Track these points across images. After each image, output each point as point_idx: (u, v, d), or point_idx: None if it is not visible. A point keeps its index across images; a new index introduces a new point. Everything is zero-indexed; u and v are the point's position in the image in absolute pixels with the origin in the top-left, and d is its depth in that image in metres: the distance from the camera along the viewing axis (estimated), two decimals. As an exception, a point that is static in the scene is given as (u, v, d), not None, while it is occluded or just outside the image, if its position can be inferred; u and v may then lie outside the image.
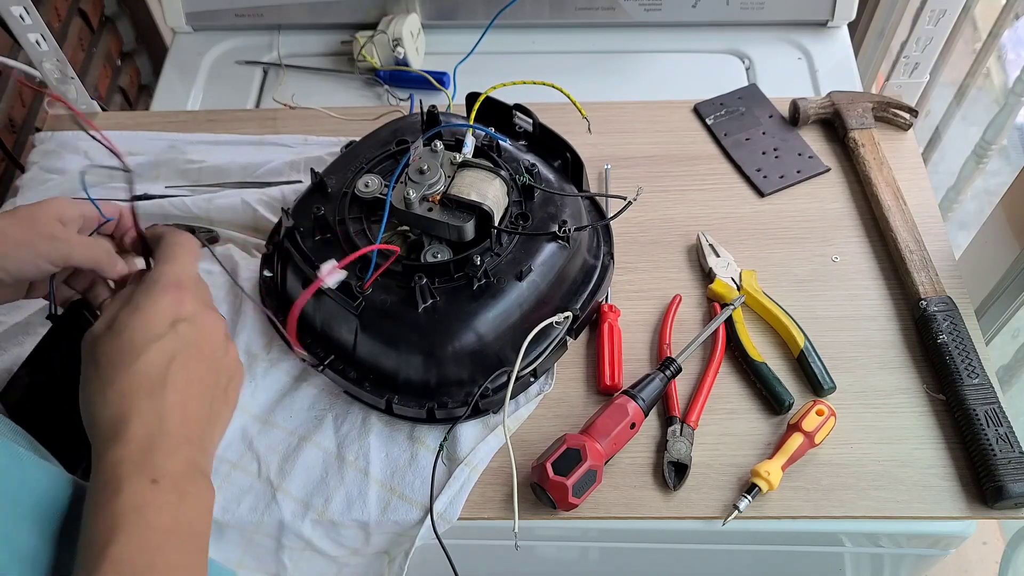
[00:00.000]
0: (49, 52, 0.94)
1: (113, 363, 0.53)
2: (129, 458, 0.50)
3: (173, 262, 0.59)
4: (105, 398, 0.52)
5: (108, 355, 0.53)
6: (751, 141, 0.98)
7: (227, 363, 0.58)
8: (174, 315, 0.55)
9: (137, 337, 0.53)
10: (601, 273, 0.83)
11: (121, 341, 0.53)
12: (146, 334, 0.54)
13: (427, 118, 0.83)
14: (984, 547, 1.36)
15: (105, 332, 0.54)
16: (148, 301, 0.55)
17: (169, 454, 0.51)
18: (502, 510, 0.72)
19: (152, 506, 0.49)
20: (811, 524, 0.74)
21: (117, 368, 0.52)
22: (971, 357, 0.77)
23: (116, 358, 0.53)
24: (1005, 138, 1.19)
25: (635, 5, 1.15)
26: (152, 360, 0.53)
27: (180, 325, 0.55)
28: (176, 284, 0.57)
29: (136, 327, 0.54)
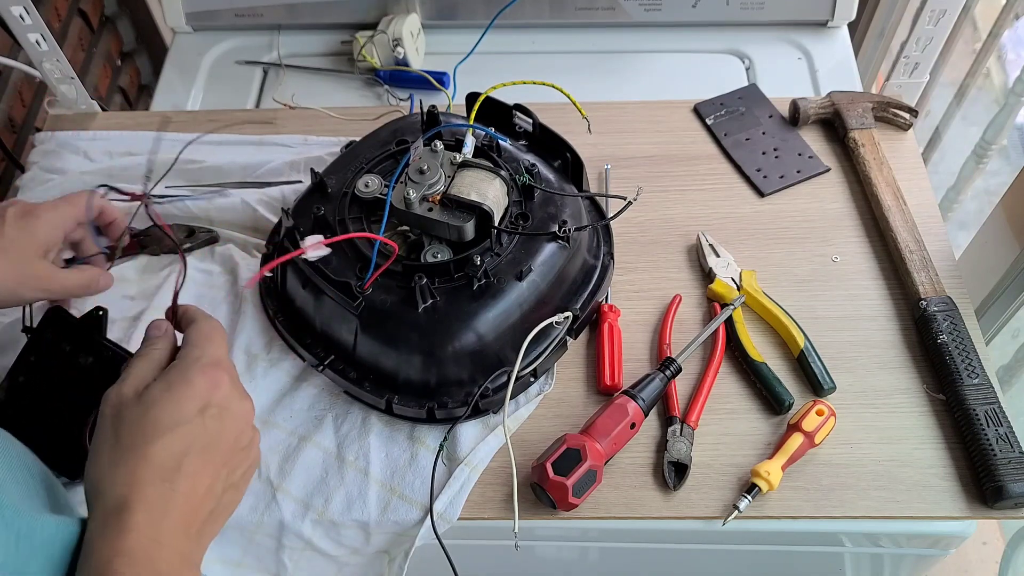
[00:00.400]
0: (49, 52, 0.94)
1: (132, 436, 0.51)
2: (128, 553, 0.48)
3: (209, 343, 0.57)
4: (115, 475, 0.50)
5: (129, 426, 0.52)
6: (751, 141, 0.98)
7: (248, 453, 0.57)
8: (206, 400, 0.54)
9: (163, 417, 0.52)
10: (601, 273, 0.83)
11: (147, 417, 0.52)
12: (173, 416, 0.52)
13: (427, 118, 0.83)
14: (984, 547, 1.36)
15: (133, 401, 0.53)
16: (183, 381, 0.54)
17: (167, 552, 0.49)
18: (502, 510, 0.72)
19: None
20: (811, 524, 0.74)
21: (136, 445, 0.51)
22: (971, 357, 0.77)
23: (137, 432, 0.52)
24: (1005, 138, 1.19)
25: (635, 5, 1.15)
26: (172, 446, 0.52)
27: (209, 411, 0.54)
28: (215, 365, 0.56)
29: (165, 406, 0.53)
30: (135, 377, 0.55)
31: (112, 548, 0.48)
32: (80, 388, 0.68)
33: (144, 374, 0.55)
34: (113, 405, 0.53)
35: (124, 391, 0.53)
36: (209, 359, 0.56)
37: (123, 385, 0.54)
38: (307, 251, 0.71)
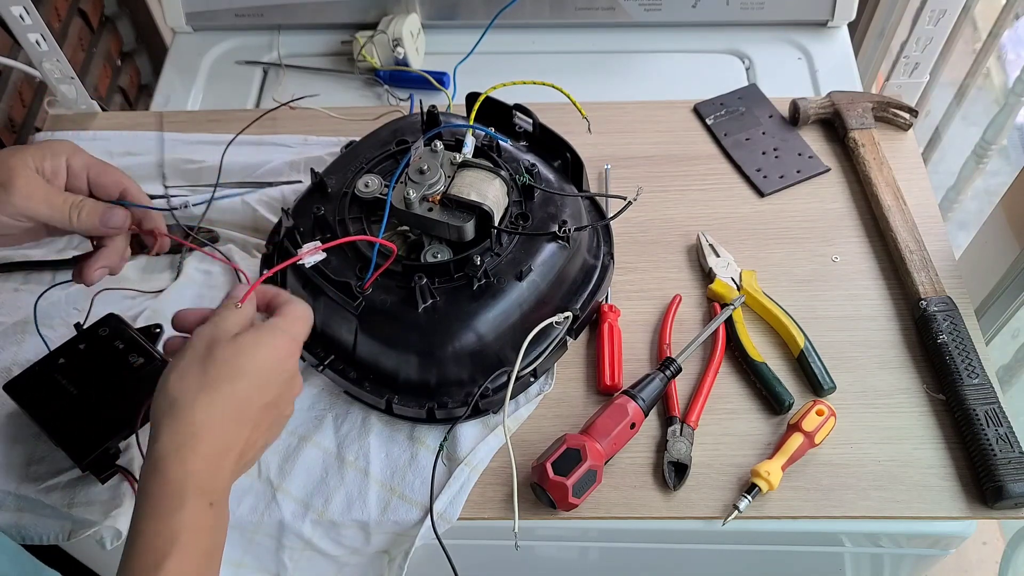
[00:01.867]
0: (49, 52, 0.94)
1: (221, 372, 0.56)
2: (196, 475, 0.53)
3: (298, 321, 0.62)
4: (197, 400, 0.54)
5: (222, 361, 0.56)
6: (751, 141, 0.98)
7: (285, 422, 0.62)
8: (284, 364, 0.59)
9: (251, 365, 0.57)
10: (601, 273, 0.83)
11: (238, 358, 0.57)
12: (259, 366, 0.57)
13: (427, 118, 0.83)
14: (984, 547, 1.36)
15: (228, 341, 0.57)
16: (272, 341, 0.59)
17: (225, 480, 0.56)
18: (502, 510, 0.72)
19: (205, 529, 0.53)
20: (811, 524, 0.74)
21: (224, 379, 0.56)
22: (971, 357, 0.77)
23: (226, 369, 0.56)
24: (1005, 138, 1.19)
25: (635, 5, 1.15)
26: (250, 393, 0.57)
27: (283, 375, 0.59)
28: (296, 342, 0.61)
29: (255, 356, 0.57)
30: (228, 323, 0.59)
31: (184, 469, 0.53)
32: (121, 382, 0.73)
33: (235, 322, 0.59)
34: (208, 338, 0.57)
35: (219, 331, 0.58)
36: (295, 334, 0.61)
37: (216, 327, 0.58)
38: (304, 257, 0.71)
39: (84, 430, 0.70)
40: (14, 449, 0.74)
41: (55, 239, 0.89)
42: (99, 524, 0.70)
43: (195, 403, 0.54)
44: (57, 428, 0.70)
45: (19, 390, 0.72)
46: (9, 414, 0.76)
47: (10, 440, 0.75)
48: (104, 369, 0.73)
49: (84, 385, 0.72)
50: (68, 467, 0.73)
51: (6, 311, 0.84)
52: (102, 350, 0.75)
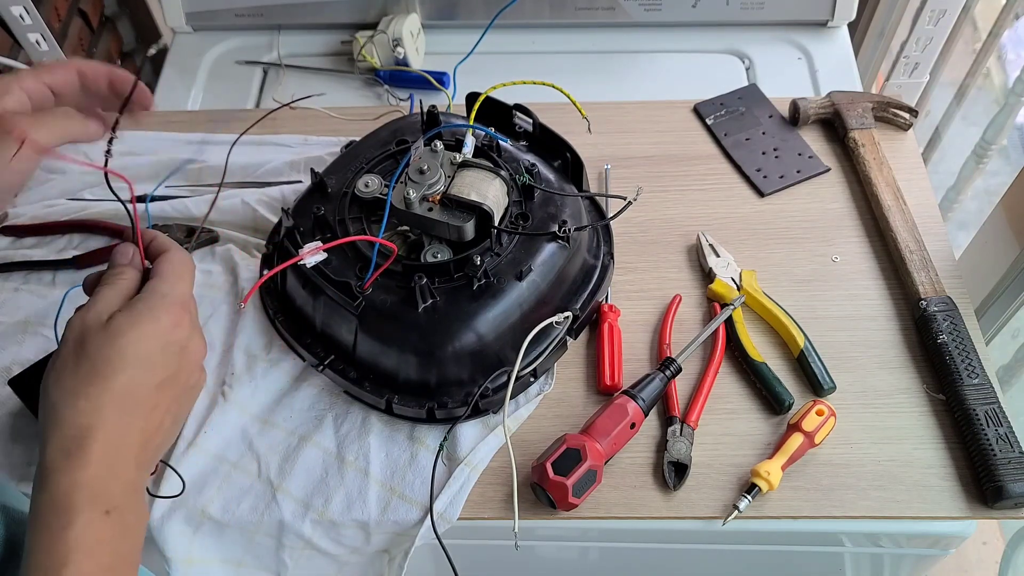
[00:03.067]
0: (49, 52, 0.94)
1: (96, 366, 0.51)
2: (87, 485, 0.49)
3: (179, 280, 0.57)
4: (76, 403, 0.50)
5: (94, 355, 0.52)
6: (751, 141, 0.98)
7: (195, 391, 0.58)
8: (168, 337, 0.54)
9: (130, 350, 0.52)
10: (601, 273, 0.83)
11: (113, 347, 0.52)
12: (138, 350, 0.52)
13: (427, 118, 0.83)
14: (984, 547, 1.36)
15: (98, 329, 0.53)
16: (151, 316, 0.54)
17: (122, 482, 0.51)
18: (502, 510, 0.72)
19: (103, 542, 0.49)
20: (811, 524, 0.74)
21: (100, 374, 0.51)
22: (971, 357, 0.77)
23: (101, 362, 0.51)
24: (1005, 138, 1.19)
25: (635, 5, 1.15)
26: (135, 380, 0.52)
27: (170, 349, 0.54)
28: (181, 304, 0.56)
29: (132, 339, 0.52)
30: (101, 304, 0.54)
31: (71, 480, 0.49)
32: None
33: (111, 302, 0.54)
34: (78, 331, 0.52)
35: (89, 318, 0.53)
36: (176, 296, 0.56)
37: (88, 312, 0.53)
38: (304, 257, 0.71)
39: None
40: (14, 449, 0.74)
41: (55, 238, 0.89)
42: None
43: (76, 405, 0.50)
44: None
45: (23, 386, 0.72)
46: (9, 413, 0.76)
47: (10, 440, 0.75)
48: None
49: None
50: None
51: (6, 311, 0.84)
52: None
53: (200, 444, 0.74)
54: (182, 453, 0.74)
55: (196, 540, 0.72)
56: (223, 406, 0.76)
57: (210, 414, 0.76)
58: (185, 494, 0.72)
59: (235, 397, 0.77)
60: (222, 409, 0.76)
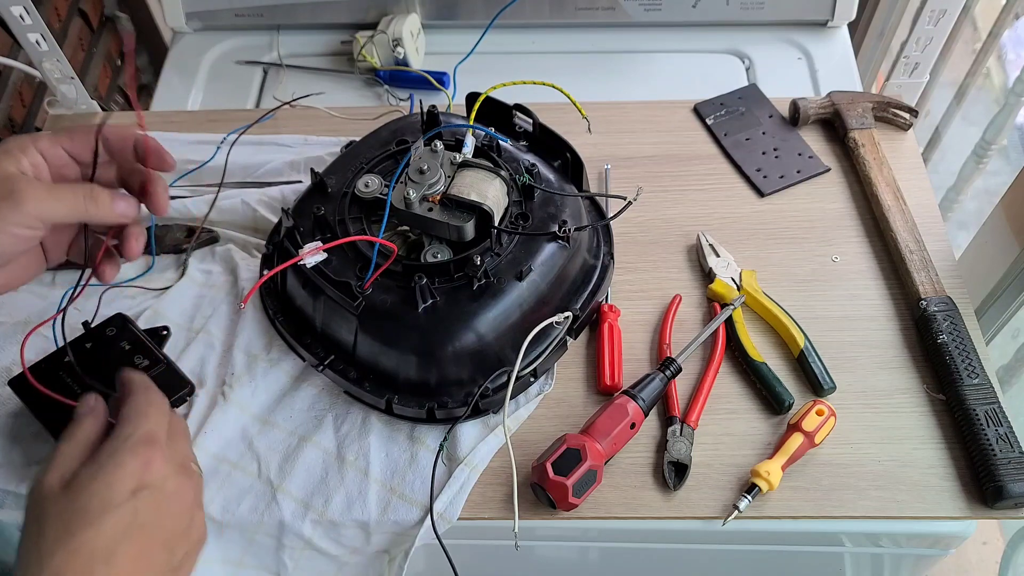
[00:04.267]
0: (49, 52, 0.94)
1: (57, 530, 0.47)
2: None
3: (143, 418, 0.53)
4: (40, 570, 0.46)
5: (55, 519, 0.48)
6: (751, 141, 0.98)
7: (189, 534, 0.53)
8: (138, 481, 0.50)
9: (93, 504, 0.48)
10: (601, 273, 0.83)
11: (74, 506, 0.48)
12: (103, 501, 0.49)
13: (427, 118, 0.83)
14: (984, 547, 1.36)
15: (58, 492, 0.49)
16: (112, 463, 0.50)
17: None
18: (502, 510, 0.72)
19: None
20: (811, 524, 0.74)
21: (60, 538, 0.47)
22: (971, 357, 0.77)
23: (61, 525, 0.48)
24: (1005, 138, 1.19)
25: (635, 5, 1.15)
26: (103, 534, 0.48)
27: (142, 493, 0.50)
28: (147, 442, 0.52)
29: (94, 492, 0.49)
30: (60, 463, 0.51)
31: None
32: None
33: (70, 458, 0.51)
34: (36, 498, 0.49)
35: (48, 481, 0.50)
36: (140, 436, 0.52)
37: (47, 475, 0.50)
38: (305, 257, 0.71)
39: None
40: (14, 449, 0.74)
41: None
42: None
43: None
44: (59, 425, 0.70)
45: (24, 386, 0.72)
46: (9, 413, 0.76)
47: (10, 440, 0.75)
48: (109, 369, 0.73)
49: (89, 384, 0.72)
50: (68, 467, 0.73)
51: (6, 311, 0.84)
52: (108, 350, 0.75)
53: (200, 444, 0.74)
54: (182, 453, 0.74)
55: (196, 540, 0.72)
56: (223, 406, 0.76)
57: (210, 414, 0.76)
58: (185, 494, 0.72)
59: (235, 397, 0.77)
60: (222, 409, 0.76)
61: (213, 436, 0.75)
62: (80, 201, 0.57)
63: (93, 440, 0.53)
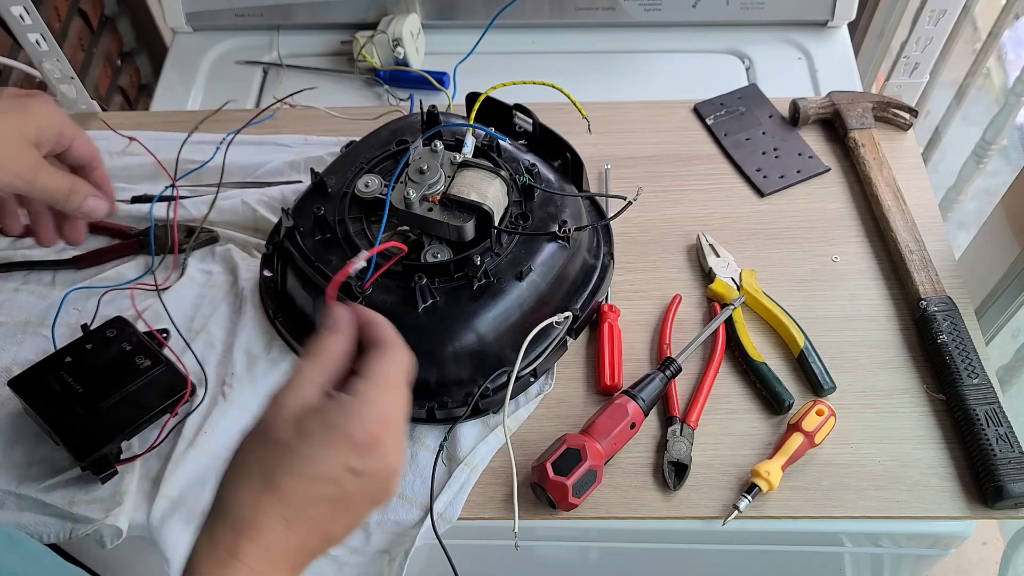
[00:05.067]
0: (49, 52, 0.94)
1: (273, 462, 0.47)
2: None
3: (396, 395, 0.50)
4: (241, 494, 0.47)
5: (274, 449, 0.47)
6: (751, 141, 0.98)
7: (376, 508, 0.51)
8: (360, 463, 0.47)
9: (309, 460, 0.46)
10: (601, 273, 0.83)
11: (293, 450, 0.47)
12: (318, 464, 0.47)
13: (427, 118, 0.83)
14: (984, 547, 1.36)
15: (291, 422, 0.47)
16: (344, 433, 0.47)
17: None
18: (502, 510, 0.72)
19: None
20: (811, 524, 0.74)
21: (272, 473, 0.46)
22: (971, 357, 0.77)
23: (279, 460, 0.47)
24: (1005, 138, 1.19)
25: (635, 5, 1.15)
26: (306, 491, 0.46)
27: (357, 472, 0.47)
28: (386, 426, 0.48)
29: (315, 449, 0.47)
30: (301, 388, 0.49)
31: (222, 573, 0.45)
32: (127, 383, 0.73)
33: (311, 384, 0.49)
34: (269, 418, 0.48)
35: (286, 405, 0.48)
36: (384, 418, 0.49)
37: (283, 399, 0.48)
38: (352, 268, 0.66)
39: (87, 428, 0.70)
40: (14, 449, 0.74)
41: None
42: (99, 522, 0.70)
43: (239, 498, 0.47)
44: (60, 425, 0.70)
45: (24, 386, 0.73)
46: (9, 414, 0.76)
47: (10, 440, 0.75)
48: (110, 370, 0.74)
49: (89, 384, 0.72)
50: (68, 467, 0.73)
51: (6, 311, 0.84)
52: (109, 351, 0.75)
53: (200, 444, 0.74)
54: (182, 453, 0.74)
55: (196, 540, 0.72)
56: (223, 406, 0.76)
57: (210, 414, 0.76)
58: (185, 494, 0.72)
59: (235, 397, 0.77)
60: (222, 409, 0.76)
61: (213, 436, 0.75)
62: (63, 194, 0.64)
63: (336, 365, 0.51)
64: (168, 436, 0.75)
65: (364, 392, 0.49)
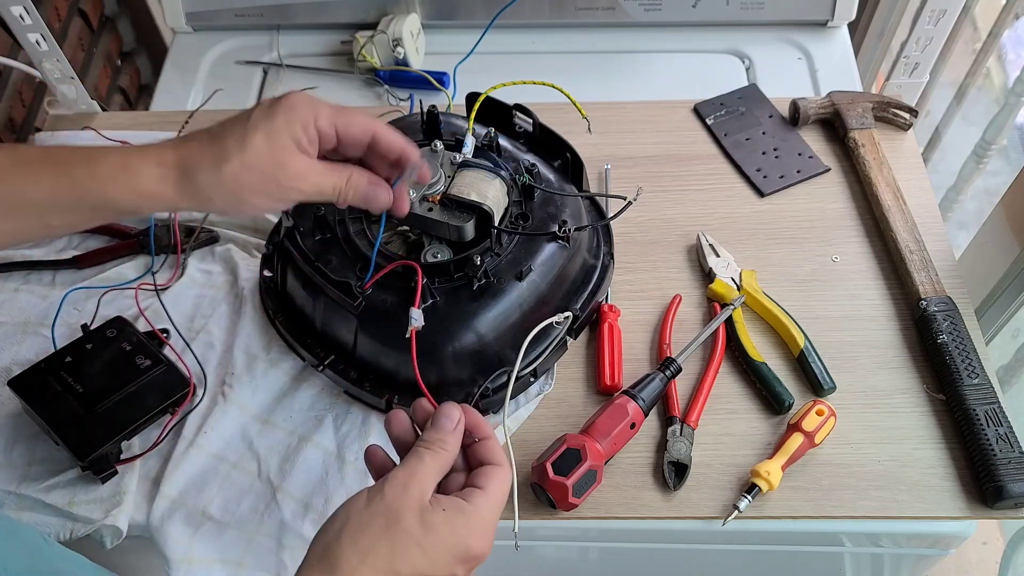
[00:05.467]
0: (49, 52, 0.94)
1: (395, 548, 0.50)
2: None
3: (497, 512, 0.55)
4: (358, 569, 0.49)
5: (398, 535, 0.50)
6: (751, 141, 0.98)
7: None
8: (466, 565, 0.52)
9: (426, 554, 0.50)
10: (601, 273, 0.83)
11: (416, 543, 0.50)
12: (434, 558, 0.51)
13: (427, 118, 0.83)
14: (984, 547, 1.36)
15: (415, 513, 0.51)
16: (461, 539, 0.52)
17: None
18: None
19: None
20: (811, 524, 0.74)
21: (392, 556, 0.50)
22: (971, 357, 0.77)
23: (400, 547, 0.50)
24: (1005, 138, 1.19)
25: (635, 5, 1.15)
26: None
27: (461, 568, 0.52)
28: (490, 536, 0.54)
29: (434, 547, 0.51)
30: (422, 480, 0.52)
31: None
32: (127, 383, 0.73)
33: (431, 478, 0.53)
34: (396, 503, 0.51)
35: (412, 494, 0.51)
36: (492, 533, 0.54)
37: (410, 487, 0.52)
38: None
39: (87, 428, 0.70)
40: (14, 449, 0.74)
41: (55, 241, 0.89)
42: (99, 522, 0.70)
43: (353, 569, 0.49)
44: (60, 425, 0.70)
45: (24, 386, 0.73)
46: (9, 414, 0.76)
47: (10, 440, 0.75)
48: (110, 370, 0.74)
49: (89, 384, 0.73)
50: (68, 466, 0.73)
51: (6, 311, 0.84)
52: (109, 351, 0.75)
53: (200, 444, 0.74)
54: (182, 453, 0.74)
55: (196, 540, 0.72)
56: (223, 406, 0.76)
57: (210, 414, 0.76)
58: (185, 494, 0.72)
59: (235, 397, 0.77)
60: (222, 409, 0.76)
61: (213, 436, 0.75)
62: (337, 193, 0.60)
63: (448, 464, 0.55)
64: (168, 436, 0.75)
65: (483, 508, 0.53)
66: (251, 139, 0.56)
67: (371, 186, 0.61)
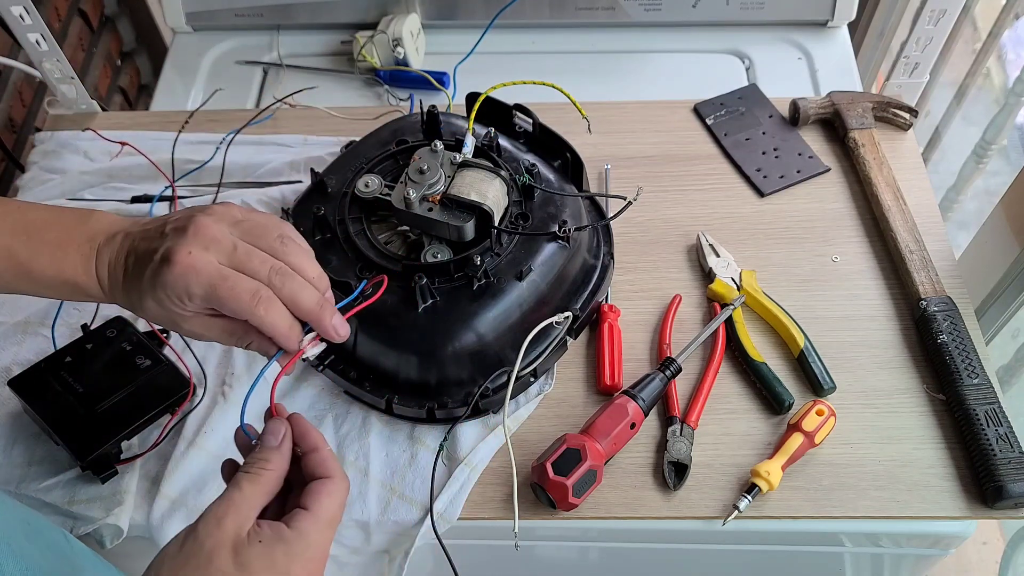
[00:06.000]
0: (49, 52, 0.94)
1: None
2: None
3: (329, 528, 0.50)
4: None
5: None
6: (751, 141, 0.98)
7: None
8: None
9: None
10: (601, 273, 0.83)
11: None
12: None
13: (427, 118, 0.83)
14: (984, 547, 1.36)
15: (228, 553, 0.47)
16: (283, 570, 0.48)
17: None
18: (502, 510, 0.72)
19: None
20: (811, 524, 0.74)
21: None
22: (971, 357, 0.77)
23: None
24: (1005, 138, 1.19)
25: (635, 5, 1.15)
26: None
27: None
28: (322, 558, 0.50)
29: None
30: (238, 510, 0.49)
31: None
32: (127, 383, 0.73)
33: (250, 506, 0.49)
34: (208, 541, 0.47)
35: (226, 529, 0.48)
36: (323, 557, 0.50)
37: (224, 521, 0.48)
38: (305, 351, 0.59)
39: (87, 428, 0.70)
40: (14, 449, 0.74)
41: None
42: (100, 521, 0.70)
43: None
44: (60, 425, 0.70)
45: (24, 386, 0.73)
46: (9, 414, 0.76)
47: (10, 440, 0.75)
48: (110, 370, 0.74)
49: (89, 384, 0.73)
50: (68, 466, 0.73)
51: (6, 311, 0.84)
52: (109, 351, 0.75)
53: (200, 444, 0.74)
54: (182, 453, 0.74)
55: (196, 540, 0.72)
56: (223, 406, 0.76)
57: (210, 414, 0.76)
58: (185, 494, 0.72)
59: (235, 397, 0.77)
60: (222, 409, 0.76)
61: (213, 436, 0.75)
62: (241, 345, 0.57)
63: (274, 486, 0.51)
64: (168, 436, 0.75)
65: (307, 531, 0.49)
66: (145, 303, 0.54)
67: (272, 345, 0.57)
